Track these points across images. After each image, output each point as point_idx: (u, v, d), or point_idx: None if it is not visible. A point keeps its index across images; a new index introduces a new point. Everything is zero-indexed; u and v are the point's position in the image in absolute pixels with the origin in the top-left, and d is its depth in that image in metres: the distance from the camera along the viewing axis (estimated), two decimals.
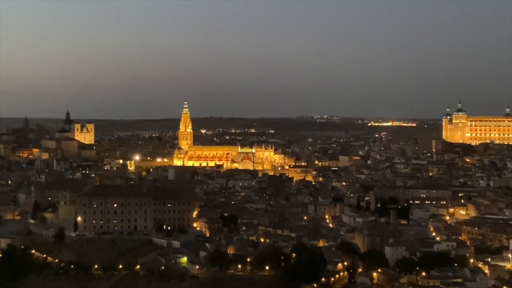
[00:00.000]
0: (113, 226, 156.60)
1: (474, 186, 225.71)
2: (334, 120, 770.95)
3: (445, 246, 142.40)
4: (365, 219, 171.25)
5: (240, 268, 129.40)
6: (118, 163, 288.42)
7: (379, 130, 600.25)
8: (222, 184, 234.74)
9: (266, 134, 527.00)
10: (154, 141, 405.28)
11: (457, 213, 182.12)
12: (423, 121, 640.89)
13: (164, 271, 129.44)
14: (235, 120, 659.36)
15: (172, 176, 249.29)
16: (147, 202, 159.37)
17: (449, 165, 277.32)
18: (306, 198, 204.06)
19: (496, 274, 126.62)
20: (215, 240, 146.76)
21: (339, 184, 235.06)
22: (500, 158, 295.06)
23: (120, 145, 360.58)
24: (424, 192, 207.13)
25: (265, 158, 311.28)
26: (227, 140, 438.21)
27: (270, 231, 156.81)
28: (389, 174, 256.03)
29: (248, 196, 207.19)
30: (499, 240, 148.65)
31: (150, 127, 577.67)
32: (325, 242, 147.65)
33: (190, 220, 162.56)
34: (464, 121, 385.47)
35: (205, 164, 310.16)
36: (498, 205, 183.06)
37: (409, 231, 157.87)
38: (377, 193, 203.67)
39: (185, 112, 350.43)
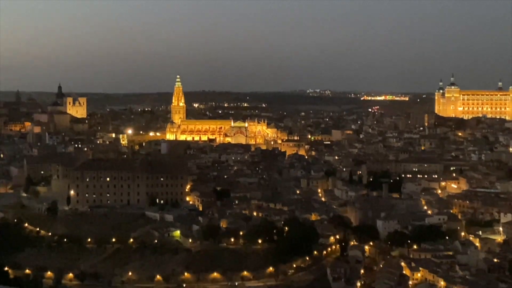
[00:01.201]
0: (105, 200, 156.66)
1: (466, 160, 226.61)
2: (327, 94, 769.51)
3: (437, 219, 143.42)
4: (357, 193, 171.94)
5: (233, 242, 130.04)
6: (111, 137, 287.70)
7: (372, 104, 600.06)
8: (215, 158, 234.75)
9: (259, 108, 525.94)
10: (146, 115, 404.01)
11: (448, 186, 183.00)
12: (416, 95, 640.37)
13: (157, 244, 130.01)
14: (228, 94, 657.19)
15: (164, 150, 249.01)
16: (140, 176, 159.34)
17: (441, 139, 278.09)
18: (298, 172, 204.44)
19: (487, 247, 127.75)
20: (208, 213, 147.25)
21: (331, 158, 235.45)
22: (492, 132, 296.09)
23: (113, 119, 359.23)
24: (416, 166, 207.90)
25: (257, 132, 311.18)
26: (219, 114, 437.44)
27: (263, 205, 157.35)
28: (381, 148, 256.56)
29: (240, 170, 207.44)
30: (490, 214, 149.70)
31: (143, 101, 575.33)
32: (317, 216, 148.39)
33: (183, 194, 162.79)
34: (457, 95, 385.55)
35: (197, 138, 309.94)
36: (490, 179, 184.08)
37: (401, 205, 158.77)
38: (369, 167, 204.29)
39: (177, 86, 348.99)
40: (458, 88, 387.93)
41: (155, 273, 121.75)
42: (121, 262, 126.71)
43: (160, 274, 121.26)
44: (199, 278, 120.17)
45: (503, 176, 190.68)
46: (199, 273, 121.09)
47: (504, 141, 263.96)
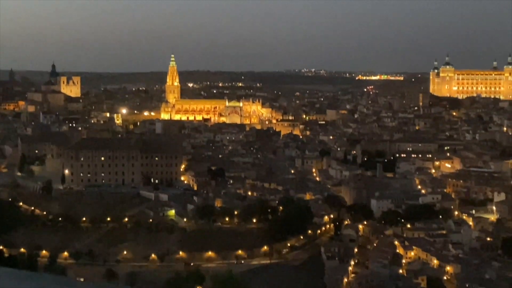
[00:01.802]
0: (100, 179, 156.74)
1: (460, 139, 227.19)
2: (321, 74, 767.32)
3: (430, 198, 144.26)
4: (351, 173, 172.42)
5: (228, 221, 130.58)
6: (105, 116, 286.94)
7: (366, 83, 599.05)
8: (210, 137, 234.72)
9: (254, 88, 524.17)
10: (141, 94, 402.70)
11: (442, 166, 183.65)
12: (411, 75, 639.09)
13: (152, 224, 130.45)
14: (222, 73, 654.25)
15: (159, 130, 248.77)
16: (135, 156, 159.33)
17: (435, 118, 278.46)
18: (293, 152, 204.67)
19: (480, 226, 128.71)
20: (203, 193, 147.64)
21: (326, 137, 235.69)
22: (486, 111, 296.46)
23: (107, 98, 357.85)
24: (411, 145, 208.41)
25: (252, 112, 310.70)
26: (214, 94, 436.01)
27: (257, 184, 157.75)
28: (376, 127, 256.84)
29: (235, 150, 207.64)
30: (484, 193, 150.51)
31: (137, 80, 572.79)
32: (311, 195, 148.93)
33: (178, 173, 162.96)
34: (452, 74, 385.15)
35: (192, 118, 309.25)
36: (483, 158, 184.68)
37: (395, 184, 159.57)
38: (363, 146, 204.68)
39: (172, 65, 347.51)
40: (453, 67, 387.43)
41: (150, 252, 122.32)
42: (116, 241, 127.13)
43: (154, 253, 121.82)
44: (193, 257, 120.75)
45: (497, 155, 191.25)
46: (194, 252, 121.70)
47: (498, 121, 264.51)
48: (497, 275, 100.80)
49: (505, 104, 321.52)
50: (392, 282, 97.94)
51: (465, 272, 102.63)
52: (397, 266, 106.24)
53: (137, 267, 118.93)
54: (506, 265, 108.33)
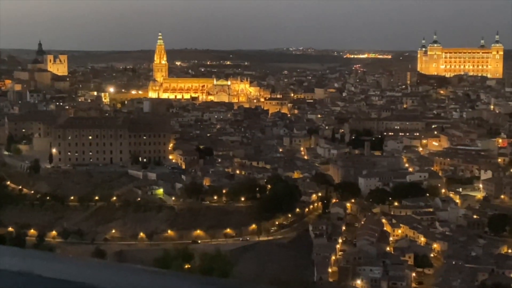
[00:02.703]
0: (88, 158, 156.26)
1: (447, 117, 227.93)
2: (309, 52, 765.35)
3: (418, 176, 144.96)
4: (339, 151, 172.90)
5: (216, 200, 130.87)
6: (92, 95, 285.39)
7: (354, 62, 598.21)
8: (198, 116, 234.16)
9: (242, 66, 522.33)
10: (128, 73, 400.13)
11: (430, 144, 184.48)
12: (398, 53, 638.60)
13: (140, 202, 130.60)
14: (210, 52, 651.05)
15: (147, 109, 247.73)
16: (123, 135, 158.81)
17: (423, 97, 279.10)
18: (281, 131, 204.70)
19: (466, 204, 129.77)
20: (191, 172, 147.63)
21: (314, 116, 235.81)
22: (474, 90, 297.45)
23: (94, 76, 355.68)
24: (398, 124, 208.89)
25: (240, 91, 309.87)
26: (202, 72, 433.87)
27: (246, 163, 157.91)
28: (364, 106, 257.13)
29: (223, 129, 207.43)
30: (471, 171, 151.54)
31: (125, 58, 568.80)
32: (300, 174, 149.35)
33: (166, 152, 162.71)
34: (439, 53, 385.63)
35: (180, 97, 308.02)
36: (470, 136, 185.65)
37: (382, 162, 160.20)
38: (351, 125, 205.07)
39: (159, 44, 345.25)
40: (440, 46, 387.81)
41: (138, 231, 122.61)
42: (104, 220, 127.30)
43: (143, 232, 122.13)
44: (182, 235, 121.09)
45: (484, 133, 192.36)
46: (182, 231, 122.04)
47: (486, 99, 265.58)
48: (483, 252, 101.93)
49: (492, 82, 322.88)
50: (379, 259, 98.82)
51: (452, 249, 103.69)
52: (384, 243, 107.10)
53: (125, 245, 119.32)
54: (493, 242, 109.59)
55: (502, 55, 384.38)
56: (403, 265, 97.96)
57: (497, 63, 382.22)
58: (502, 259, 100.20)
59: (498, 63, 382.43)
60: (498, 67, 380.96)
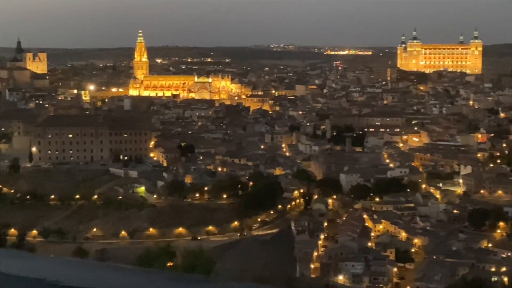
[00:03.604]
0: (68, 156, 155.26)
1: (427, 113, 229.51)
2: (290, 49, 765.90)
3: (398, 172, 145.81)
4: (321, 147, 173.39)
5: (198, 197, 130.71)
6: (72, 93, 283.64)
7: (335, 58, 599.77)
8: (179, 114, 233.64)
9: (223, 63, 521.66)
10: (108, 70, 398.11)
11: (410, 140, 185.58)
12: (379, 50, 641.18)
13: (122, 200, 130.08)
14: (191, 49, 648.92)
15: (128, 106, 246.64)
16: (103, 133, 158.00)
17: (403, 93, 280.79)
18: (263, 127, 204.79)
19: (447, 199, 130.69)
20: (173, 169, 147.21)
21: (295, 113, 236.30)
22: (453, 85, 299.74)
23: (74, 74, 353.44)
24: (379, 120, 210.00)
25: (222, 88, 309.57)
26: (183, 70, 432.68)
27: (227, 160, 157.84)
28: (344, 102, 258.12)
29: (205, 126, 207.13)
30: (451, 166, 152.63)
31: (105, 56, 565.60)
32: (281, 170, 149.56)
33: (147, 150, 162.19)
34: (419, 49, 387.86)
35: (161, 94, 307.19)
36: (450, 132, 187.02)
37: (363, 158, 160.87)
38: (333, 121, 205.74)
39: (140, 41, 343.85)
40: (420, 42, 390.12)
41: (120, 229, 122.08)
42: (85, 219, 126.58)
43: (125, 230, 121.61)
44: (164, 233, 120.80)
45: (463, 129, 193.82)
46: (164, 229, 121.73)
47: (465, 95, 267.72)
48: (464, 247, 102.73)
49: (471, 78, 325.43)
50: (361, 255, 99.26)
51: (433, 244, 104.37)
52: (366, 239, 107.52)
53: (107, 244, 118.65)
54: (473, 236, 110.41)
55: (481, 51, 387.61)
56: (384, 260, 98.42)
57: (476, 59, 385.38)
58: (482, 253, 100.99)
59: (477, 59, 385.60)
60: (477, 63, 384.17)
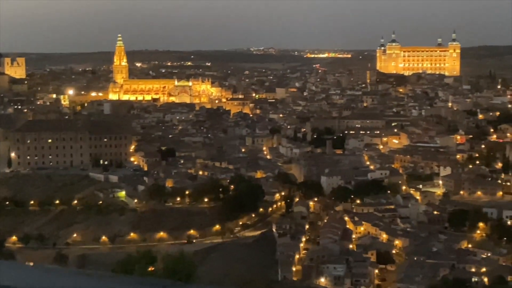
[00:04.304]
0: (48, 161, 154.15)
1: (407, 115, 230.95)
2: (270, 52, 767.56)
3: (379, 174, 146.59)
4: (301, 150, 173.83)
5: (179, 201, 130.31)
6: (51, 97, 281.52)
7: (315, 61, 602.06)
8: (159, 117, 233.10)
9: (203, 67, 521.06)
10: (88, 75, 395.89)
11: (390, 142, 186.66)
12: (358, 52, 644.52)
13: (102, 205, 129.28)
14: (171, 53, 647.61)
15: (107, 111, 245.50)
16: (83, 137, 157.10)
17: (383, 95, 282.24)
18: (243, 131, 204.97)
19: (427, 200, 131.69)
20: (153, 173, 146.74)
21: (276, 116, 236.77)
22: (432, 87, 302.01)
23: (53, 79, 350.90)
24: (359, 122, 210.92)
25: (202, 91, 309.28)
26: (163, 74, 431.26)
27: (208, 163, 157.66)
28: (325, 105, 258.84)
29: (185, 130, 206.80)
30: (430, 167, 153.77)
31: (84, 60, 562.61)
32: (262, 173, 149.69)
33: (127, 154, 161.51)
34: (398, 51, 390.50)
35: (141, 98, 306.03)
36: (430, 134, 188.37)
37: (344, 161, 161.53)
38: (313, 124, 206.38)
39: (119, 45, 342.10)
40: (399, 44, 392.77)
41: (101, 234, 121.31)
42: (65, 224, 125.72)
43: (105, 235, 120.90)
44: (145, 238, 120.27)
45: (443, 130, 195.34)
46: (146, 233, 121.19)
47: (444, 97, 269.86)
48: (444, 248, 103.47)
49: (450, 80, 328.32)
50: (342, 257, 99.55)
51: (413, 246, 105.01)
52: (347, 241, 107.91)
53: (87, 249, 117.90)
54: (453, 237, 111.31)
55: (459, 53, 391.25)
56: (366, 262, 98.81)
57: (455, 61, 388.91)
58: (462, 254, 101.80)
59: (455, 61, 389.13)
60: (455, 65, 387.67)
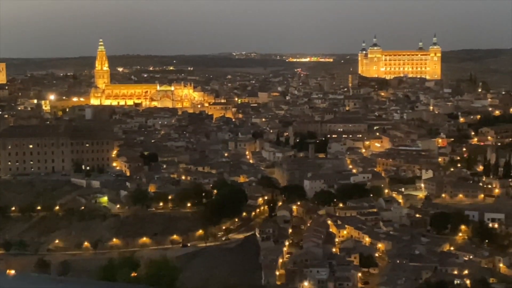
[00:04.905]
0: (29, 167, 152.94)
1: (389, 119, 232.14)
2: (252, 57, 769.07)
3: (361, 178, 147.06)
4: (284, 154, 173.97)
5: (162, 206, 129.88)
6: (32, 103, 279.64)
7: (297, 65, 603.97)
8: (141, 122, 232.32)
9: (185, 71, 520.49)
10: (69, 80, 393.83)
11: (372, 145, 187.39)
12: (340, 56, 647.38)
13: (84, 211, 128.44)
14: (153, 57, 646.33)
15: (89, 116, 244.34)
16: (64, 143, 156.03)
17: (365, 99, 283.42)
18: (226, 135, 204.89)
19: (409, 203, 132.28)
20: (136, 178, 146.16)
21: (258, 120, 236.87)
22: (413, 91, 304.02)
23: (34, 84, 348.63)
24: (341, 126, 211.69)
25: (184, 96, 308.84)
26: (145, 78, 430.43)
27: (191, 168, 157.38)
28: (307, 109, 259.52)
29: (168, 134, 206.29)
30: (412, 171, 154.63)
31: (65, 65, 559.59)
32: (245, 178, 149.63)
33: (110, 159, 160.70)
34: (379, 55, 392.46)
35: (123, 103, 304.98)
36: (411, 137, 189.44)
37: (327, 164, 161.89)
38: (295, 128, 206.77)
39: (100, 50, 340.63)
40: (380, 48, 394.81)
41: (83, 240, 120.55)
42: (47, 230, 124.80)
43: (88, 241, 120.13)
44: (128, 243, 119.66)
45: (424, 134, 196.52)
46: (128, 238, 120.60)
47: (425, 100, 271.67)
48: (426, 250, 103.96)
49: (431, 84, 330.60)
50: (325, 260, 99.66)
51: (396, 249, 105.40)
52: (330, 245, 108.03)
53: (70, 255, 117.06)
54: (435, 240, 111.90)
55: (440, 57, 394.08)
56: (349, 265, 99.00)
57: (435, 65, 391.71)
58: (444, 256, 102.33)
59: (436, 65, 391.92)
60: (436, 69, 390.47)
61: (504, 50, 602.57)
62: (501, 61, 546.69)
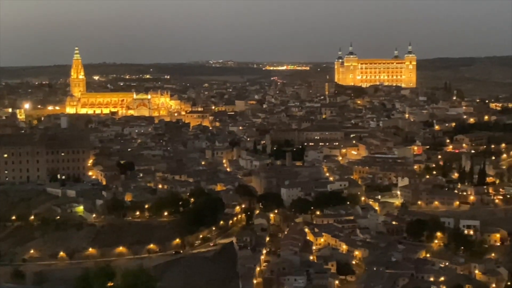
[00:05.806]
0: (4, 177, 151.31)
1: (365, 127, 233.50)
2: (229, 65, 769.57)
3: (338, 185, 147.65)
4: (261, 162, 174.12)
5: (138, 215, 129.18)
6: (7, 111, 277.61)
7: (274, 74, 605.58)
8: (118, 131, 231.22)
9: (162, 79, 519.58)
10: (44, 88, 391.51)
11: (349, 153, 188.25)
12: (317, 65, 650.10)
13: (60, 220, 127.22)
14: (129, 66, 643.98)
15: (65, 125, 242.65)
16: (40, 152, 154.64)
17: (341, 107, 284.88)
18: (203, 143, 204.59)
19: (385, 211, 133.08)
20: (112, 187, 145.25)
21: (235, 128, 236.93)
22: (389, 99, 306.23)
23: (9, 93, 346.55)
24: (318, 134, 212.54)
25: (161, 104, 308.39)
26: (121, 87, 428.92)
27: (168, 177, 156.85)
28: (284, 117, 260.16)
29: (144, 143, 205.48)
30: (388, 178, 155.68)
31: (40, 74, 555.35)
32: (222, 186, 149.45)
33: (85, 168, 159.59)
34: (355, 63, 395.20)
35: (99, 112, 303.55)
36: (387, 145, 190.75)
37: (304, 172, 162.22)
38: (273, 136, 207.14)
39: (76, 58, 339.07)
40: (356, 57, 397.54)
41: (59, 250, 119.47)
42: (22, 240, 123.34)
43: (63, 251, 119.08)
44: (104, 252, 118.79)
45: (400, 141, 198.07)
46: (104, 248, 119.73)
47: (401, 108, 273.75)
48: (403, 258, 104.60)
49: (406, 92, 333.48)
50: (303, 268, 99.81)
51: (373, 256, 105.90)
52: (307, 252, 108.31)
53: (45, 265, 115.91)
54: (412, 247, 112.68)
55: (415, 65, 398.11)
56: (326, 273, 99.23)
57: (411, 73, 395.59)
58: (421, 263, 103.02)
59: (411, 73, 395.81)
60: (411, 77, 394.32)
61: (478, 59, 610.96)
62: (475, 69, 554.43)
